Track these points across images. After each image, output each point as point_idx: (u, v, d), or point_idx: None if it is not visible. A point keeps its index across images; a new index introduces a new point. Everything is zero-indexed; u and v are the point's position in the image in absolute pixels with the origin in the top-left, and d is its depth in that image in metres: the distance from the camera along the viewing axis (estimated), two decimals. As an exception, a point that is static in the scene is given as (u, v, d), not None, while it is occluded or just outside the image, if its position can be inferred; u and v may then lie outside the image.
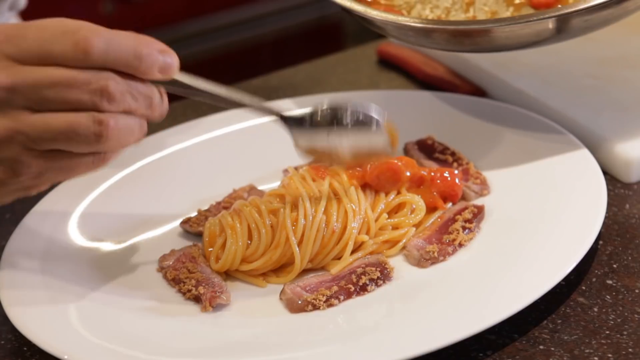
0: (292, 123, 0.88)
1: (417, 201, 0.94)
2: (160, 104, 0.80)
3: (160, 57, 0.78)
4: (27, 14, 1.92)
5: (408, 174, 0.95)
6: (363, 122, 0.87)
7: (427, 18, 0.98)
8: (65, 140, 0.76)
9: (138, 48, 0.77)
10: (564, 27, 0.93)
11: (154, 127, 1.13)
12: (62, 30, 0.75)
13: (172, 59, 0.79)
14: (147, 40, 0.78)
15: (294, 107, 1.10)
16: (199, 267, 0.91)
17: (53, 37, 0.75)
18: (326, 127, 0.87)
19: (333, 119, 0.87)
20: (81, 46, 0.75)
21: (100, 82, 0.76)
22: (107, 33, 0.76)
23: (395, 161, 0.95)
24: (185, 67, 0.82)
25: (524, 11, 0.97)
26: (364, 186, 0.94)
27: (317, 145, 0.88)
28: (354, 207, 0.92)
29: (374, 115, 0.88)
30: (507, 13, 0.97)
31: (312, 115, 0.88)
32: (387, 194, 0.94)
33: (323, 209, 0.91)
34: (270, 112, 0.88)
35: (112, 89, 0.76)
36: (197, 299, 0.88)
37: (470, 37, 0.95)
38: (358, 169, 0.95)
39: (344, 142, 0.88)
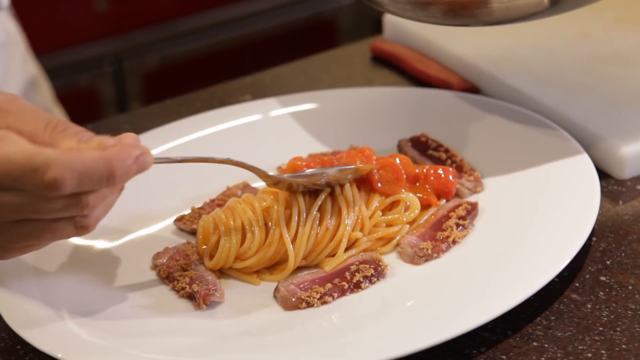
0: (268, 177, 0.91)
1: (412, 199, 0.94)
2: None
3: (134, 165, 0.77)
4: (24, 12, 1.91)
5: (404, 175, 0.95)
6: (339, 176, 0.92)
7: None
8: (49, 240, 0.80)
9: (111, 174, 0.75)
10: None
11: (147, 125, 1.14)
12: (31, 169, 0.73)
13: (146, 159, 0.78)
14: (121, 157, 0.76)
15: (289, 104, 1.11)
16: (193, 265, 0.91)
17: (23, 175, 0.73)
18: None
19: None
20: (52, 186, 0.73)
21: (80, 202, 0.76)
22: (79, 165, 0.74)
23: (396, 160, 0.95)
24: (178, 65, 0.82)
25: None
26: (360, 184, 0.94)
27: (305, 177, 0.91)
28: (348, 204, 0.92)
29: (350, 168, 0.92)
30: None
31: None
32: (387, 196, 0.94)
33: (317, 207, 0.91)
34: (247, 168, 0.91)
35: (92, 203, 0.77)
36: (190, 297, 0.88)
37: (467, 9, 0.94)
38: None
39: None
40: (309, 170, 0.92)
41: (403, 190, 0.95)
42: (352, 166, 0.93)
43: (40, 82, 1.40)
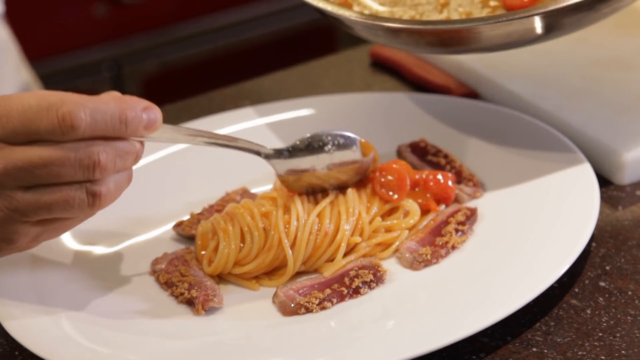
0: (273, 156, 0.92)
1: (411, 205, 0.94)
2: (142, 151, 0.82)
3: (144, 115, 0.79)
4: (23, 17, 1.91)
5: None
6: (342, 145, 0.93)
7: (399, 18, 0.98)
8: (60, 212, 0.78)
9: (122, 113, 0.77)
10: (533, 29, 0.92)
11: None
12: (45, 106, 0.75)
13: (156, 114, 0.80)
14: (131, 102, 0.78)
15: (288, 109, 1.11)
16: (192, 271, 0.91)
17: (37, 114, 0.75)
18: (307, 154, 0.92)
19: (313, 147, 0.92)
20: (67, 122, 0.75)
21: (91, 158, 0.77)
22: (90, 103, 0.76)
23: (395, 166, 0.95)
24: (177, 71, 0.82)
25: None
26: (360, 187, 0.94)
27: (299, 173, 0.92)
28: (347, 208, 0.91)
29: (352, 137, 0.93)
30: (482, 15, 0.96)
31: (292, 148, 0.92)
32: (387, 202, 0.94)
33: (316, 212, 0.91)
34: (251, 149, 0.91)
35: (103, 161, 0.77)
36: (189, 302, 0.88)
37: (438, 37, 0.94)
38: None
39: (325, 165, 0.92)
40: (299, 170, 0.92)
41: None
42: (355, 136, 0.93)
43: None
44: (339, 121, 1.09)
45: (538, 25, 0.91)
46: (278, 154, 0.92)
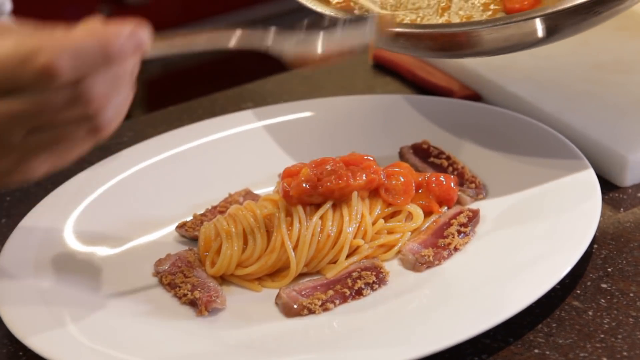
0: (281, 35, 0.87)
1: (414, 209, 0.94)
2: (138, 66, 0.77)
3: (130, 42, 0.74)
4: (25, 18, 1.91)
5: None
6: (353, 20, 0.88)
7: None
8: (66, 152, 0.75)
9: (105, 48, 0.72)
10: (532, 32, 0.92)
11: (149, 132, 1.14)
12: (20, 60, 0.70)
13: (142, 35, 0.75)
14: (113, 32, 0.73)
15: (290, 112, 1.11)
16: (195, 272, 0.91)
17: (14, 71, 0.70)
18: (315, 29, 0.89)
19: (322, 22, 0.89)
20: (46, 73, 0.70)
21: (84, 94, 0.72)
22: (68, 45, 0.71)
23: (399, 171, 0.95)
24: (180, 72, 0.82)
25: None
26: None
27: (305, 47, 0.89)
28: (350, 211, 0.92)
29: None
30: (482, 19, 0.96)
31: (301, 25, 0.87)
32: (391, 205, 0.94)
33: (319, 214, 0.91)
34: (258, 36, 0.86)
35: (95, 94, 0.72)
36: (192, 304, 0.88)
37: (438, 41, 0.94)
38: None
39: (331, 37, 0.88)
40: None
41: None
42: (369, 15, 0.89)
43: None
44: (341, 124, 1.09)
45: (537, 28, 0.91)
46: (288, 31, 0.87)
